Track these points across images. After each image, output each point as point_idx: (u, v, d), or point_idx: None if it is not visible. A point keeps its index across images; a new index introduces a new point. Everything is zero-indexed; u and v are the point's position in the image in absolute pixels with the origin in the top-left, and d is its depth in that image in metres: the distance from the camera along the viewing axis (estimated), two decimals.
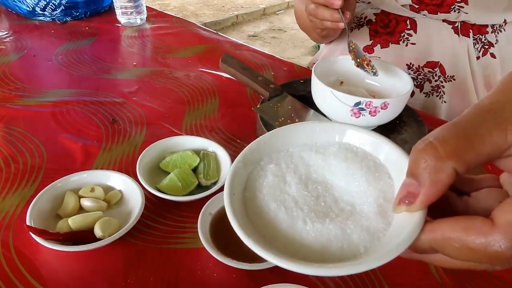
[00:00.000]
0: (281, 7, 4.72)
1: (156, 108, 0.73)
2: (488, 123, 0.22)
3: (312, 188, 0.29)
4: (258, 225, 0.28)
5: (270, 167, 0.31)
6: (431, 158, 0.22)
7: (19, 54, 0.90)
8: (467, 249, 0.22)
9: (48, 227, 0.46)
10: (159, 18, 1.13)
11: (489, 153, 0.22)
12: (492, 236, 0.21)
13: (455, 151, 0.22)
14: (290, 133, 0.32)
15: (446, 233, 0.23)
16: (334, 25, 0.66)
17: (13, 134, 0.64)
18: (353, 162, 0.29)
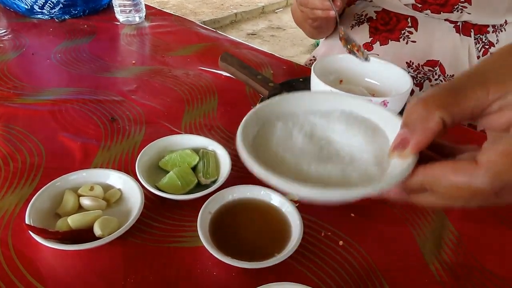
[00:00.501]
0: (280, 6, 4.72)
1: (156, 106, 0.73)
2: (473, 82, 0.26)
3: (316, 141, 0.33)
4: (266, 165, 0.30)
5: (278, 124, 0.34)
6: (422, 109, 0.26)
7: (17, 52, 0.89)
8: (454, 187, 0.25)
9: (47, 226, 0.46)
10: (158, 16, 1.13)
11: (473, 108, 0.26)
12: (475, 173, 0.24)
13: (443, 104, 0.26)
14: (297, 100, 0.36)
15: (436, 172, 0.26)
16: (325, 13, 0.66)
17: (11, 133, 0.63)
18: (353, 124, 0.33)
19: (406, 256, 0.48)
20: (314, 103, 0.35)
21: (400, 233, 0.51)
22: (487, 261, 0.48)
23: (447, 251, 0.49)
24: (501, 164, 0.24)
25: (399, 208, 0.55)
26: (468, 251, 0.49)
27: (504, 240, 0.51)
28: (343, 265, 0.46)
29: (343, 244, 0.49)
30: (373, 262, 0.47)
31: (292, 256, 0.45)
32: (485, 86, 0.26)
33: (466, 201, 0.26)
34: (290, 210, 0.49)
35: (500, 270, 0.47)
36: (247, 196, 0.51)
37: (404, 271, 0.46)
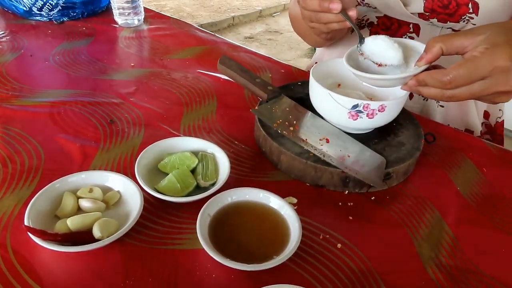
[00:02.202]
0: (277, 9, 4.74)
1: (154, 109, 0.73)
2: (464, 33, 0.51)
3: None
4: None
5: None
6: (432, 42, 0.52)
7: (15, 54, 0.89)
8: (435, 79, 0.51)
9: (46, 228, 0.46)
10: (156, 19, 1.13)
11: (458, 47, 0.51)
12: (442, 72, 0.50)
13: (443, 40, 0.51)
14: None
15: (429, 72, 0.52)
16: (341, 25, 0.63)
17: (10, 134, 0.63)
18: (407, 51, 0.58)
19: (403, 259, 0.49)
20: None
21: (398, 236, 0.52)
22: (484, 264, 0.49)
23: (444, 254, 0.49)
24: (454, 69, 0.49)
25: (396, 211, 0.55)
26: (464, 254, 0.50)
27: (500, 243, 0.52)
28: (341, 268, 0.47)
29: (341, 247, 0.49)
30: (371, 265, 0.47)
31: (291, 258, 0.45)
32: (466, 36, 0.50)
33: (441, 91, 0.51)
34: (289, 212, 0.49)
35: (496, 273, 0.48)
36: (246, 199, 0.51)
37: (401, 273, 0.47)
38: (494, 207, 0.57)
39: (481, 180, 0.62)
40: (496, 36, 0.48)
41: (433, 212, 0.55)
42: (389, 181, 0.58)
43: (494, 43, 0.47)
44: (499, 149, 0.70)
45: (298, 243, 0.45)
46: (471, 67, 0.47)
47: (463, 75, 0.47)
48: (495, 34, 0.48)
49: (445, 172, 0.63)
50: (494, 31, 0.48)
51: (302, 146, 0.59)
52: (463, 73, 0.47)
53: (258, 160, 0.62)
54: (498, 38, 0.47)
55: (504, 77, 0.47)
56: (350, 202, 0.56)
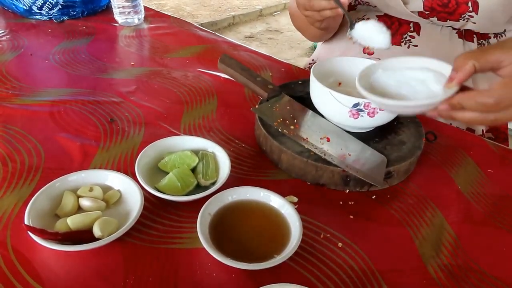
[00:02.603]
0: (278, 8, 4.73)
1: (155, 108, 0.73)
2: (496, 47, 0.46)
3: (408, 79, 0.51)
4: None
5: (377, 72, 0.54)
6: (462, 59, 0.46)
7: (15, 53, 0.89)
8: (476, 103, 0.44)
9: (46, 227, 0.45)
10: (156, 18, 1.13)
11: (493, 62, 0.45)
12: (487, 94, 0.43)
13: (475, 56, 0.45)
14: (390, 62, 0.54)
15: (467, 95, 0.45)
16: (334, 12, 0.64)
17: (10, 133, 0.63)
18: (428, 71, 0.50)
19: (404, 258, 0.48)
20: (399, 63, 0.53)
21: (399, 235, 0.51)
22: (485, 263, 0.48)
23: (445, 253, 0.49)
24: (500, 89, 0.43)
25: (398, 210, 0.55)
26: (465, 252, 0.50)
27: (501, 242, 0.52)
28: (342, 267, 0.47)
29: (342, 246, 0.49)
30: (371, 264, 0.47)
31: (292, 257, 0.45)
32: (502, 49, 0.44)
33: (482, 114, 0.45)
34: (289, 211, 0.49)
35: (497, 272, 0.47)
36: (246, 198, 0.51)
37: (402, 272, 0.47)
38: (495, 205, 0.57)
39: (482, 179, 0.62)
40: None
41: (434, 211, 0.55)
42: (390, 180, 0.58)
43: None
44: (500, 147, 0.70)
45: (299, 242, 0.45)
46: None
47: (509, 95, 0.43)
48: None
49: (446, 171, 0.63)
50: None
51: (302, 145, 0.58)
52: (510, 93, 0.43)
53: (259, 159, 0.62)
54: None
55: None
56: (351, 201, 0.56)
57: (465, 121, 0.47)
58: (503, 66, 0.44)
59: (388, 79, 0.51)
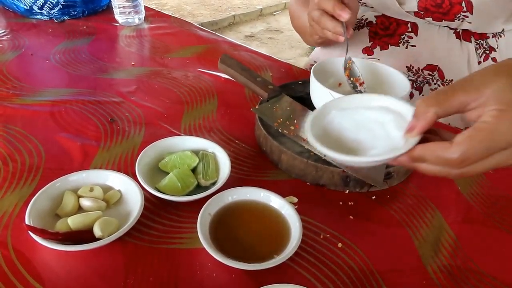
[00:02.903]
0: (278, 8, 4.73)
1: (155, 108, 0.73)
2: (460, 88, 0.38)
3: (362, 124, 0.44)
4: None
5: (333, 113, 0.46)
6: (424, 106, 0.38)
7: (16, 52, 0.89)
8: (437, 157, 0.38)
9: (46, 227, 0.46)
10: (157, 18, 1.13)
11: (458, 106, 0.38)
12: (450, 149, 0.37)
13: (437, 102, 0.38)
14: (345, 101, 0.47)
15: (428, 148, 0.38)
16: (334, 37, 0.65)
17: (10, 133, 0.63)
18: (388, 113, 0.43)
19: (404, 258, 0.49)
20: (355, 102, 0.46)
21: (398, 236, 0.51)
22: (484, 263, 0.49)
23: (444, 253, 0.49)
24: (464, 143, 0.36)
25: (397, 211, 0.55)
26: (465, 253, 0.50)
27: (500, 242, 0.52)
28: (342, 267, 0.47)
29: (342, 246, 0.49)
30: (371, 264, 0.47)
31: (291, 258, 0.45)
32: (467, 91, 0.37)
33: (445, 169, 0.38)
34: (289, 212, 0.49)
35: (497, 272, 0.48)
36: (246, 198, 0.51)
37: (402, 273, 0.47)
38: (494, 206, 0.57)
39: (481, 180, 0.62)
40: (509, 89, 0.36)
41: (434, 212, 0.55)
42: (389, 181, 0.58)
43: (509, 102, 0.35)
44: None
45: (299, 243, 0.45)
46: (485, 140, 0.35)
47: (476, 151, 0.36)
48: (505, 86, 0.36)
49: None
50: (503, 81, 0.36)
51: (302, 145, 0.59)
52: (476, 149, 0.36)
53: (259, 159, 0.62)
54: (511, 92, 0.36)
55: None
56: (351, 202, 0.56)
57: (428, 174, 0.40)
58: (470, 109, 0.38)
59: (344, 121, 0.44)
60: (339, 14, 0.62)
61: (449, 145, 0.36)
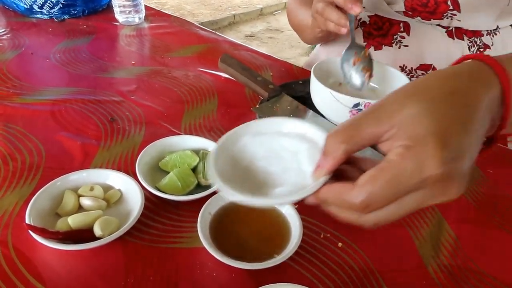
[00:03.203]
0: (278, 8, 4.73)
1: (155, 107, 0.73)
2: (370, 119, 0.32)
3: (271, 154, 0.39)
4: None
5: (244, 139, 0.40)
6: (332, 142, 0.33)
7: (16, 51, 0.89)
8: (342, 201, 0.32)
9: (47, 226, 0.46)
10: (157, 17, 1.13)
11: (369, 139, 0.32)
12: (351, 193, 0.31)
13: (346, 138, 0.32)
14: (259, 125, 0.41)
15: (332, 189, 0.33)
16: (337, 29, 0.64)
17: (11, 132, 0.63)
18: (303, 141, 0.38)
19: (404, 258, 0.49)
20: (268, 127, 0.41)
21: (399, 235, 0.51)
22: (484, 263, 0.49)
23: (445, 253, 0.49)
24: (366, 185, 0.30)
25: None
26: (465, 253, 0.50)
27: (501, 242, 0.52)
28: (342, 267, 0.47)
29: (342, 246, 0.49)
30: (371, 264, 0.47)
31: (292, 257, 0.45)
32: (378, 121, 0.31)
33: (352, 214, 0.33)
34: (290, 211, 0.49)
35: (497, 272, 0.48)
36: None
37: (402, 272, 0.47)
38: (495, 206, 0.57)
39: (482, 179, 0.62)
40: (418, 121, 0.30)
41: (434, 212, 0.55)
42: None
43: (417, 138, 0.29)
44: (500, 148, 0.70)
45: (299, 242, 0.45)
46: (390, 182, 0.30)
47: (380, 195, 0.30)
48: (414, 115, 0.30)
49: None
50: (413, 109, 0.30)
51: None
52: (381, 192, 0.30)
53: None
54: (420, 124, 0.30)
55: (439, 187, 0.30)
56: None
57: (337, 217, 0.35)
58: (382, 141, 0.32)
59: (257, 148, 0.39)
60: (351, 7, 0.61)
61: (351, 187, 0.31)
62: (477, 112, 0.31)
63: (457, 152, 0.29)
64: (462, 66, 0.34)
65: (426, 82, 0.32)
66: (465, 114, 0.30)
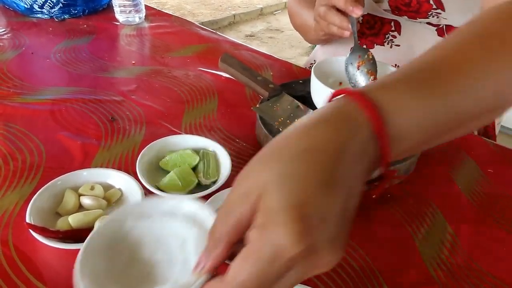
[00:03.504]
0: (279, 8, 4.73)
1: (155, 107, 0.73)
2: (237, 191, 0.28)
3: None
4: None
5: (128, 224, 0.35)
6: (211, 236, 0.29)
7: (17, 51, 0.89)
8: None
9: (47, 225, 0.46)
10: (157, 17, 1.13)
11: (245, 216, 0.27)
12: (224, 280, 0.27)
13: (223, 232, 0.28)
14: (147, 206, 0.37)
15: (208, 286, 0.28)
16: (340, 32, 0.65)
17: (11, 132, 0.63)
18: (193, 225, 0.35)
19: (405, 257, 0.49)
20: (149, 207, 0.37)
21: (399, 235, 0.52)
22: (485, 262, 0.49)
23: (445, 252, 0.50)
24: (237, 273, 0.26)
25: (398, 210, 0.55)
26: (465, 252, 0.50)
27: (501, 241, 0.52)
28: (343, 266, 0.47)
29: None
30: (372, 263, 0.47)
31: None
32: (244, 196, 0.27)
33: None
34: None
35: (497, 271, 0.48)
36: None
37: (402, 271, 0.47)
38: (495, 205, 0.57)
39: (482, 179, 0.62)
40: (270, 193, 0.26)
41: (434, 211, 0.55)
42: (390, 180, 0.58)
43: (270, 215, 0.26)
44: (500, 147, 0.70)
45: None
46: (256, 271, 0.26)
47: (252, 280, 0.26)
48: (268, 187, 0.26)
49: (447, 171, 0.63)
50: (266, 179, 0.26)
51: None
52: (251, 278, 0.26)
53: None
54: (272, 196, 0.26)
55: (308, 263, 0.26)
56: None
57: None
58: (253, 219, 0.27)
59: (142, 233, 0.35)
60: (352, 9, 0.61)
61: (223, 277, 0.27)
62: (340, 164, 0.27)
63: (318, 217, 0.25)
64: (324, 111, 0.29)
65: (285, 141, 0.28)
66: (323, 171, 0.26)
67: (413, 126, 0.30)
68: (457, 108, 0.31)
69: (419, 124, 0.30)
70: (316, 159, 0.26)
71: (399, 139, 0.29)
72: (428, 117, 0.30)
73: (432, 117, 0.30)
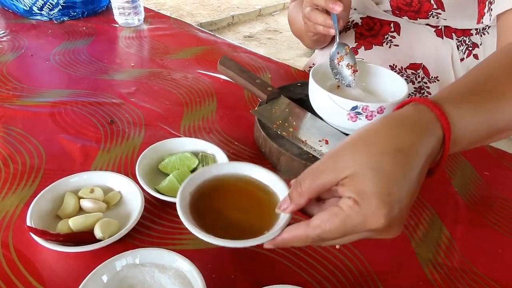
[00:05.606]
0: (277, 8, 4.73)
1: (154, 109, 0.73)
2: (328, 167, 0.36)
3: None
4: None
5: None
6: (296, 190, 0.37)
7: (16, 53, 0.90)
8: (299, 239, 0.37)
9: (47, 228, 0.46)
10: (156, 19, 1.14)
11: (329, 183, 0.36)
12: (304, 233, 0.36)
13: (308, 188, 0.36)
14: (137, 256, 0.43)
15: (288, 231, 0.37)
16: (325, 31, 0.66)
17: (11, 134, 0.64)
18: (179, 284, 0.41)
19: (401, 259, 0.49)
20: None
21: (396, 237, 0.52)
22: (480, 264, 0.49)
23: (442, 254, 0.50)
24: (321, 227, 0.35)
25: None
26: (461, 254, 0.50)
27: (497, 244, 0.52)
28: (340, 268, 0.47)
29: (339, 248, 0.50)
30: (369, 265, 0.48)
31: (290, 259, 0.45)
32: (334, 170, 0.35)
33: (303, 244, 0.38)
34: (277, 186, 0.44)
35: (493, 273, 0.48)
36: (231, 172, 0.45)
37: (399, 274, 0.47)
38: (491, 208, 0.58)
39: (478, 181, 0.62)
40: (366, 180, 0.34)
41: (431, 213, 0.56)
42: None
43: (364, 196, 0.34)
44: (497, 150, 0.70)
45: (291, 217, 0.39)
46: (340, 226, 0.35)
47: (331, 234, 0.36)
48: (363, 173, 0.34)
49: (443, 173, 0.63)
50: (364, 164, 0.34)
51: (301, 147, 0.59)
52: (331, 233, 0.35)
53: (258, 160, 0.63)
54: (367, 183, 0.34)
55: (381, 233, 0.36)
56: None
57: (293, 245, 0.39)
58: (337, 185, 0.36)
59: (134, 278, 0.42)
60: (332, 7, 0.62)
61: (308, 225, 0.36)
62: (419, 166, 0.35)
63: (398, 206, 0.34)
64: (408, 114, 0.37)
65: (375, 135, 0.36)
66: (408, 169, 0.34)
67: (467, 137, 0.38)
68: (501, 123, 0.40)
69: (472, 136, 0.39)
70: (404, 161, 0.34)
71: (454, 145, 0.38)
72: (480, 131, 0.40)
73: (482, 134, 0.40)
